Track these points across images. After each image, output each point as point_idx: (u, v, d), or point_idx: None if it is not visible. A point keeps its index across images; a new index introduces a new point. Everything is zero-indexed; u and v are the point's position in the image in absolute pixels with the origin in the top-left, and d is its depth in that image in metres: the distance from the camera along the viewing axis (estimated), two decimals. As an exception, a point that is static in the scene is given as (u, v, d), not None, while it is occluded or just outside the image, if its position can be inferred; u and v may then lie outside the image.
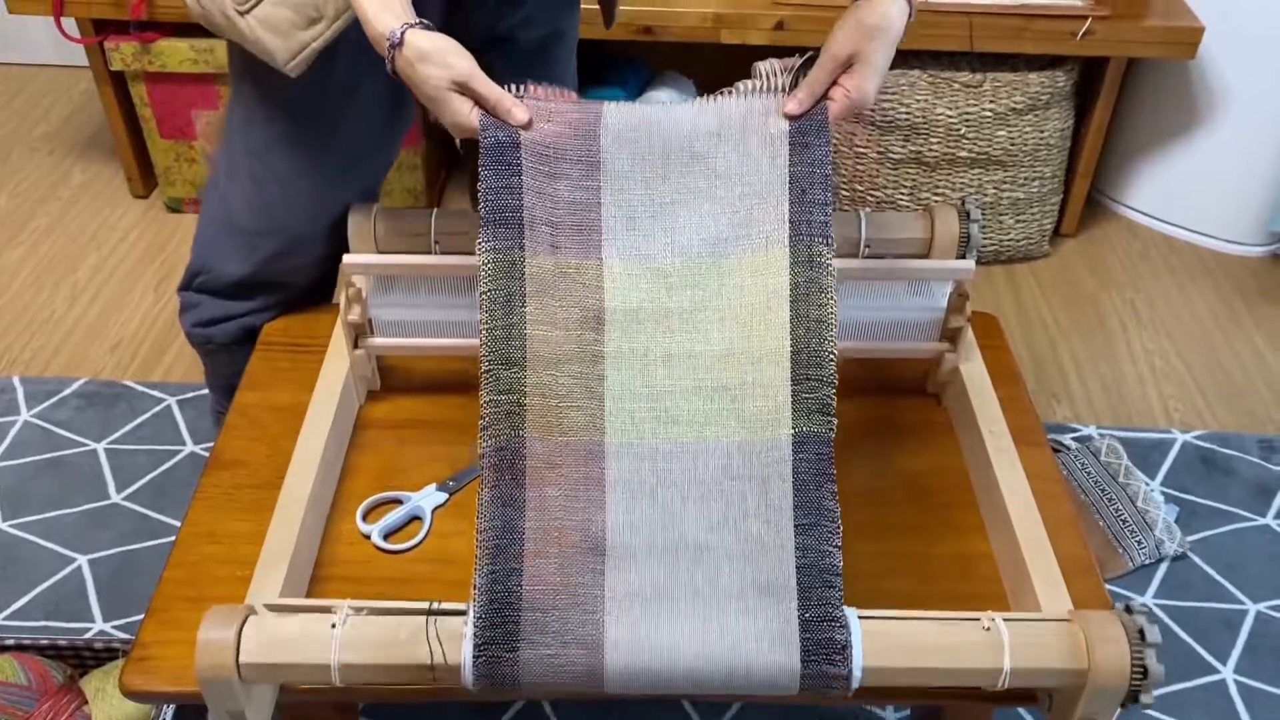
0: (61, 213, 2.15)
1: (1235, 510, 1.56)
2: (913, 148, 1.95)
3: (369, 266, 1.07)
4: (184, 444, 1.61)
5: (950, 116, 1.90)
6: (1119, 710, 0.80)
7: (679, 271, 0.87)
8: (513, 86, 0.87)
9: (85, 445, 1.60)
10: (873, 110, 1.93)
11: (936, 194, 1.99)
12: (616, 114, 0.88)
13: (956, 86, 1.89)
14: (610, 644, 0.76)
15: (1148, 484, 1.56)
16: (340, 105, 1.12)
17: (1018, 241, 2.06)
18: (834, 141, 2.04)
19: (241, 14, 1.04)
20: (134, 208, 2.16)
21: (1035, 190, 2.02)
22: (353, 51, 1.05)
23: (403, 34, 0.85)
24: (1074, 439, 1.67)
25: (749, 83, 0.90)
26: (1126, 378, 1.82)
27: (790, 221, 0.86)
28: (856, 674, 0.76)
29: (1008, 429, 1.05)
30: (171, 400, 1.69)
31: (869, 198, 2.03)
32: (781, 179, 0.86)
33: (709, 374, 0.84)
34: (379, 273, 1.09)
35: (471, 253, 1.06)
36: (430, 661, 0.77)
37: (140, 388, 1.71)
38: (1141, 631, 0.78)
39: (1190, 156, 2.08)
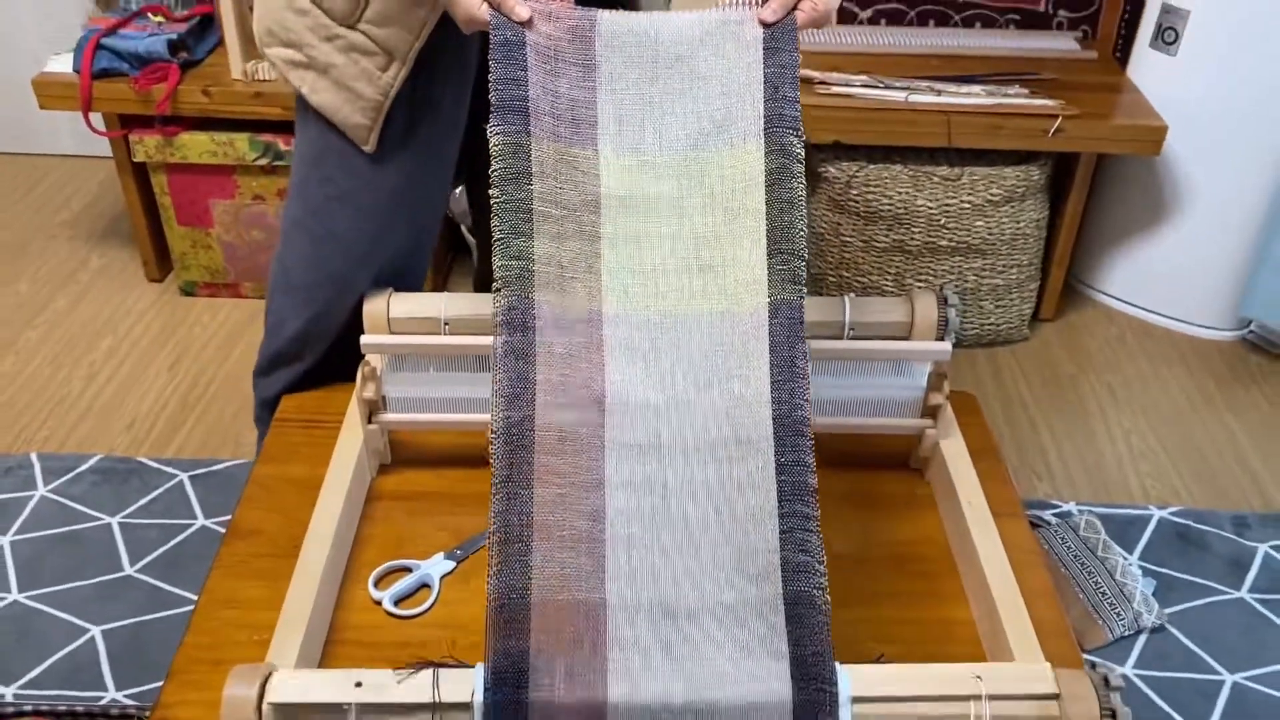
0: (79, 296, 2.23)
1: (1211, 584, 1.61)
2: (895, 236, 2.04)
3: (386, 346, 1.14)
4: (195, 518, 1.66)
5: (931, 208, 2.00)
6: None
7: (666, 163, 0.96)
8: None
9: (100, 519, 1.65)
10: (857, 201, 2.03)
11: (919, 280, 2.08)
12: (609, 21, 0.98)
13: (936, 180, 1.99)
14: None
15: (1126, 558, 1.61)
16: (394, 157, 1.22)
17: (998, 326, 2.15)
18: (821, 232, 2.15)
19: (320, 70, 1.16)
20: (149, 291, 2.24)
21: (1014, 277, 2.11)
22: (405, 104, 1.19)
23: None
24: (1054, 514, 1.73)
25: (725, 1, 1.00)
26: (1105, 456, 1.89)
27: (765, 116, 0.95)
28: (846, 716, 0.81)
29: (986, 501, 1.11)
30: (184, 476, 1.74)
31: (854, 283, 2.11)
32: (756, 79, 0.96)
33: (694, 254, 0.94)
34: (395, 352, 1.15)
35: (480, 334, 1.14)
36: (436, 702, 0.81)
37: (153, 464, 1.76)
38: (1106, 679, 0.83)
39: (1161, 245, 2.17)
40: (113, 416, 1.90)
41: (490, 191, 0.90)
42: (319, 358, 1.32)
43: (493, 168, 0.90)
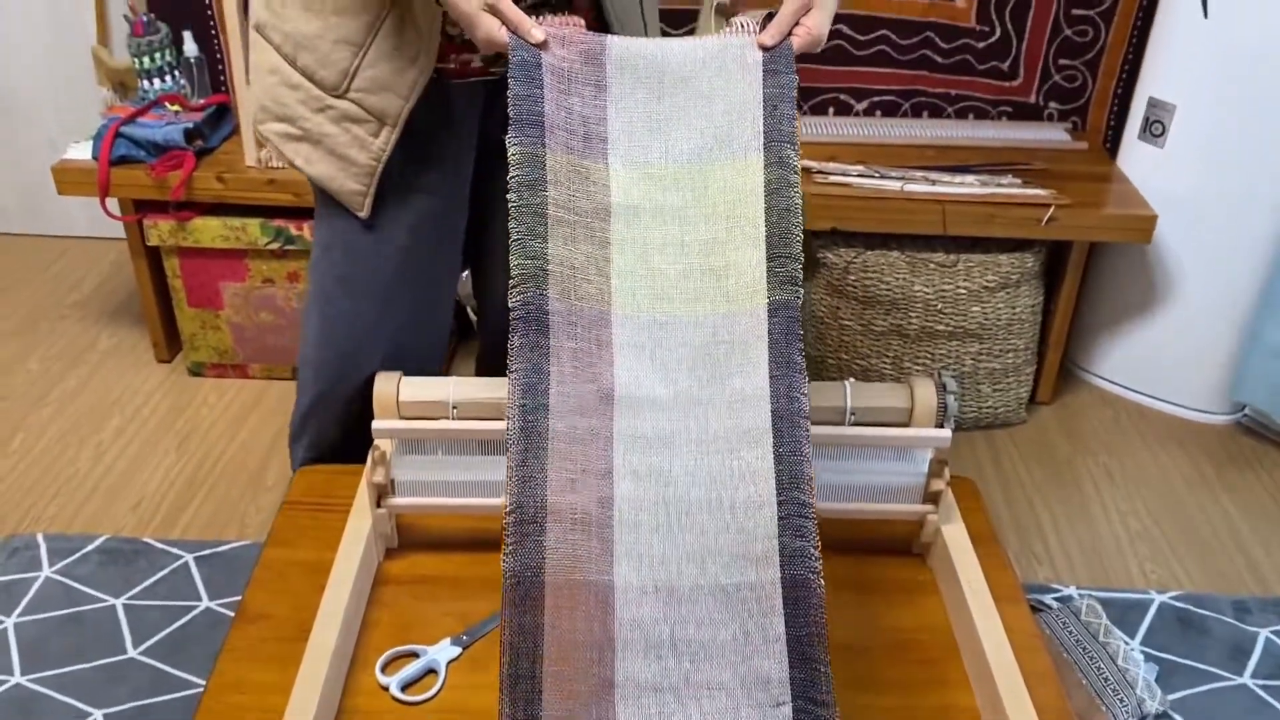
0: (89, 376, 2.25)
1: (1213, 670, 1.62)
2: (893, 321, 2.08)
3: (395, 431, 1.17)
4: (200, 600, 1.67)
5: (928, 293, 2.04)
6: None
7: (672, 175, 1.02)
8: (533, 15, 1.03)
9: (104, 601, 1.66)
10: (855, 286, 2.07)
11: (917, 363, 2.11)
12: (619, 45, 1.04)
13: (932, 266, 2.03)
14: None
15: (1127, 643, 1.62)
16: (393, 237, 1.28)
17: (996, 409, 2.17)
18: (820, 316, 2.19)
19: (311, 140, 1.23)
20: (157, 372, 2.27)
21: (1010, 361, 2.14)
22: (399, 176, 1.25)
23: None
24: (1055, 599, 1.73)
25: (727, 29, 1.06)
26: (1104, 539, 1.90)
27: (764, 132, 1.01)
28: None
29: (987, 587, 1.12)
30: (189, 557, 1.75)
31: (853, 366, 2.15)
32: (756, 98, 1.02)
33: (698, 259, 0.99)
34: (406, 437, 1.17)
35: (488, 419, 1.16)
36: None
37: (159, 545, 1.77)
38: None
39: (1154, 330, 2.21)
40: (119, 496, 1.91)
41: (508, 196, 0.96)
42: (330, 432, 1.36)
43: (510, 174, 0.96)
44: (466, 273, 1.88)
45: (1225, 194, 2.03)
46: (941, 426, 1.22)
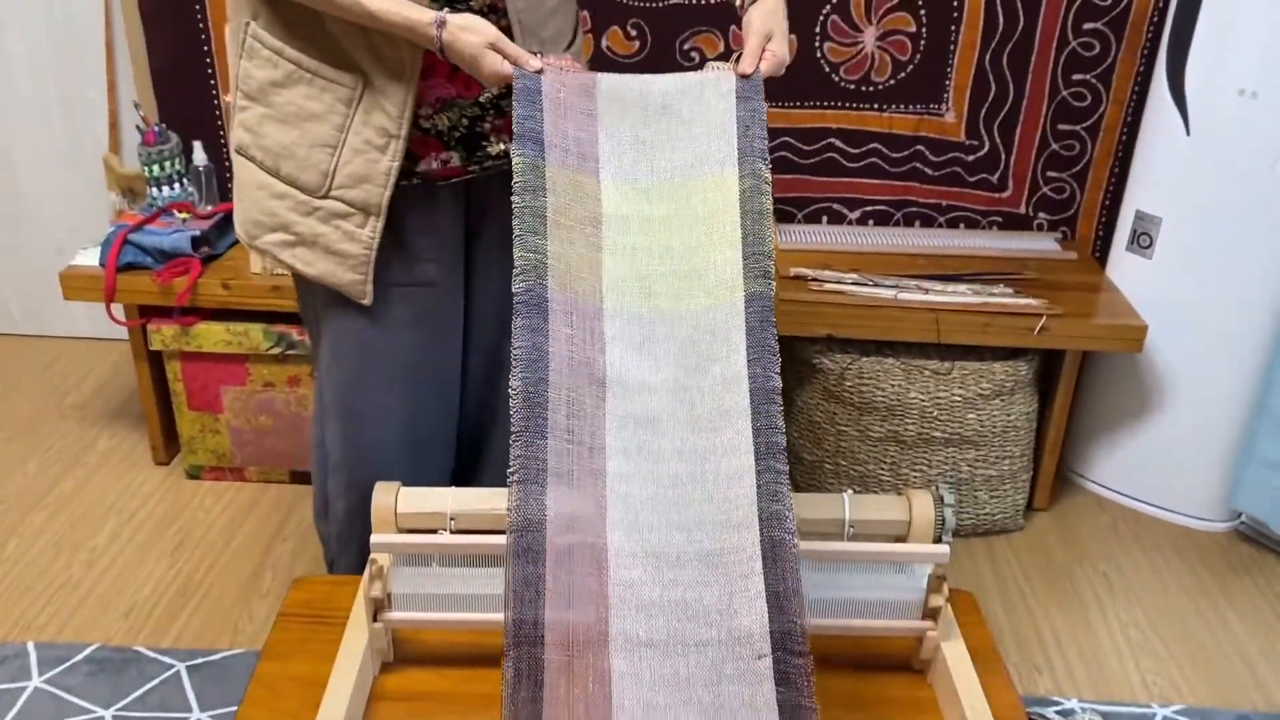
0: (86, 478, 2.25)
1: (1220, 787, 1.59)
2: (890, 427, 2.09)
3: (395, 546, 1.17)
4: (191, 711, 1.64)
5: (923, 400, 2.06)
6: None
7: (657, 189, 1.14)
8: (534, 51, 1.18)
9: (93, 712, 1.63)
10: (851, 392, 2.08)
11: (914, 470, 2.12)
12: (609, 80, 1.18)
13: (927, 373, 2.05)
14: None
15: (1131, 760, 1.59)
16: (397, 329, 1.37)
17: (993, 515, 2.17)
18: (816, 421, 2.19)
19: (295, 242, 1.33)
20: (155, 474, 2.27)
21: (1006, 468, 2.15)
22: (392, 269, 1.34)
23: (444, 16, 1.16)
24: (1056, 711, 1.71)
25: (702, 70, 1.20)
26: (1104, 649, 1.88)
27: (739, 150, 1.13)
28: None
29: (988, 707, 1.11)
30: (181, 666, 1.72)
31: (850, 472, 2.15)
32: (730, 120, 1.15)
33: (682, 262, 1.09)
34: (405, 551, 1.18)
35: (487, 530, 1.17)
36: None
37: (151, 654, 1.75)
38: None
39: (1148, 437, 2.23)
40: (112, 603, 1.89)
41: (512, 199, 1.06)
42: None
43: (514, 180, 1.07)
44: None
45: (1214, 303, 2.06)
46: (939, 540, 1.22)
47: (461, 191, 1.38)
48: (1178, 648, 1.90)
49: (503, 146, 1.35)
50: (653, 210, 1.13)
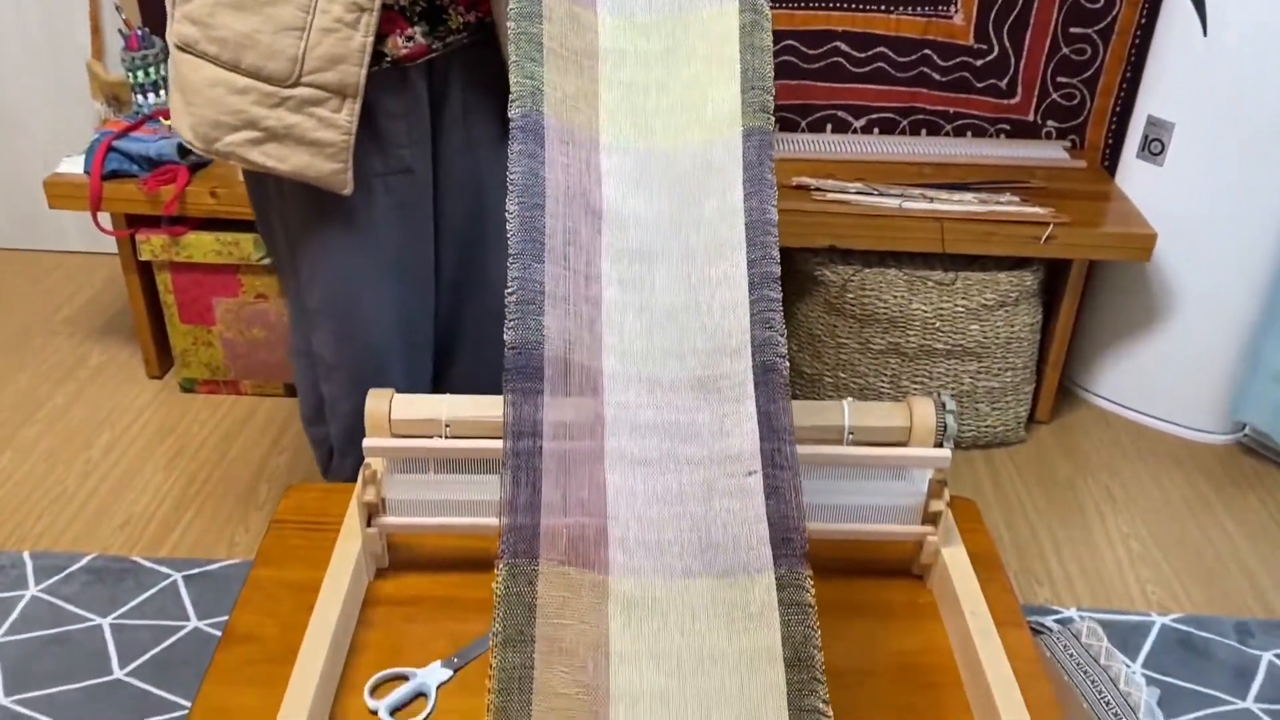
0: (78, 392, 2.23)
1: (1215, 694, 1.59)
2: (891, 339, 2.06)
3: (388, 450, 1.15)
4: (188, 620, 1.64)
5: (926, 311, 2.03)
6: None
7: (655, 24, 1.11)
8: None
9: (91, 620, 1.63)
10: (853, 304, 2.05)
11: (915, 382, 2.10)
12: None
13: (931, 284, 2.02)
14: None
15: (1129, 666, 1.60)
16: (380, 219, 1.33)
17: (994, 428, 2.16)
18: (817, 334, 2.17)
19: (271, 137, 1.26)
20: (148, 388, 2.25)
21: (1009, 380, 2.12)
22: (377, 160, 1.30)
23: None
24: (1055, 620, 1.71)
25: None
26: (1104, 560, 1.88)
27: None
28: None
29: (989, 611, 1.10)
30: (177, 576, 1.72)
31: (851, 385, 2.13)
32: None
33: (679, 96, 1.07)
34: (398, 455, 1.16)
35: (481, 436, 1.15)
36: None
37: (147, 563, 1.75)
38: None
39: (1153, 349, 2.20)
40: (107, 514, 1.89)
41: (509, 25, 1.03)
42: None
43: (510, 6, 1.03)
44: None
45: (1225, 212, 2.02)
46: (940, 446, 1.20)
47: (425, 73, 1.33)
48: (1177, 558, 1.89)
49: (462, 19, 1.30)
50: (650, 45, 1.10)
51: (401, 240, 1.36)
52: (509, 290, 0.94)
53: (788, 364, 0.95)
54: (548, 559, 0.86)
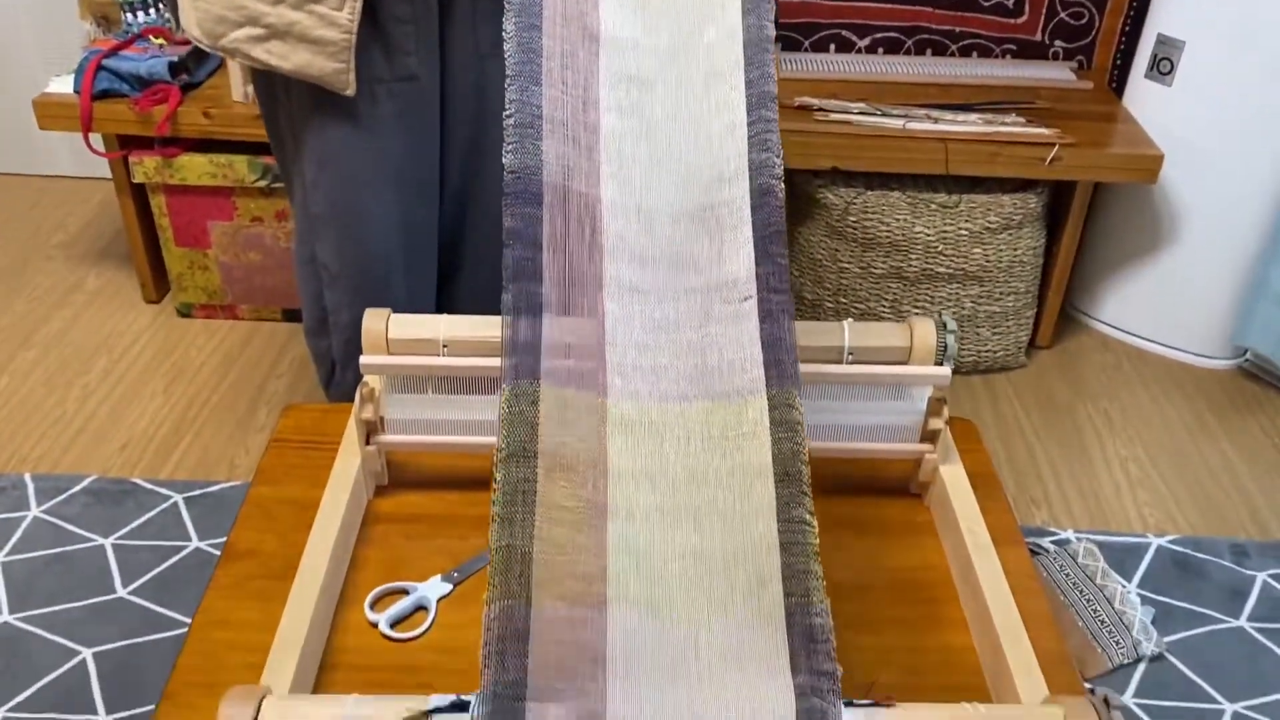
0: (75, 317, 2.22)
1: (1210, 613, 1.61)
2: (893, 263, 2.05)
3: (385, 367, 1.14)
4: (189, 540, 1.65)
5: (928, 234, 2.01)
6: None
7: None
8: None
9: (93, 541, 1.64)
10: (855, 228, 2.03)
11: (916, 307, 2.08)
12: None
13: (934, 207, 1.99)
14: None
15: (1124, 586, 1.61)
16: (381, 124, 1.32)
17: (995, 353, 2.15)
18: (818, 258, 2.15)
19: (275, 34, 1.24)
20: (145, 313, 2.24)
21: (1010, 304, 2.11)
22: (380, 65, 1.28)
23: None
24: (1052, 542, 1.72)
25: None
26: (1102, 484, 1.89)
27: None
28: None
29: (986, 528, 1.10)
30: (178, 497, 1.73)
31: (851, 310, 2.12)
32: None
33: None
34: (396, 373, 1.15)
35: (480, 354, 1.14)
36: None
37: (148, 485, 1.75)
38: (1106, 700, 0.83)
39: (1156, 273, 2.18)
40: (107, 438, 1.89)
41: None
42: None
43: None
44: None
45: (1234, 134, 1.99)
46: (941, 365, 1.19)
47: None
48: (1175, 481, 1.90)
49: None
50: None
51: (406, 148, 1.35)
52: (507, 113, 0.94)
53: (783, 186, 0.96)
54: (549, 381, 0.88)
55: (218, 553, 1.10)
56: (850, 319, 2.09)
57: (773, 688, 0.79)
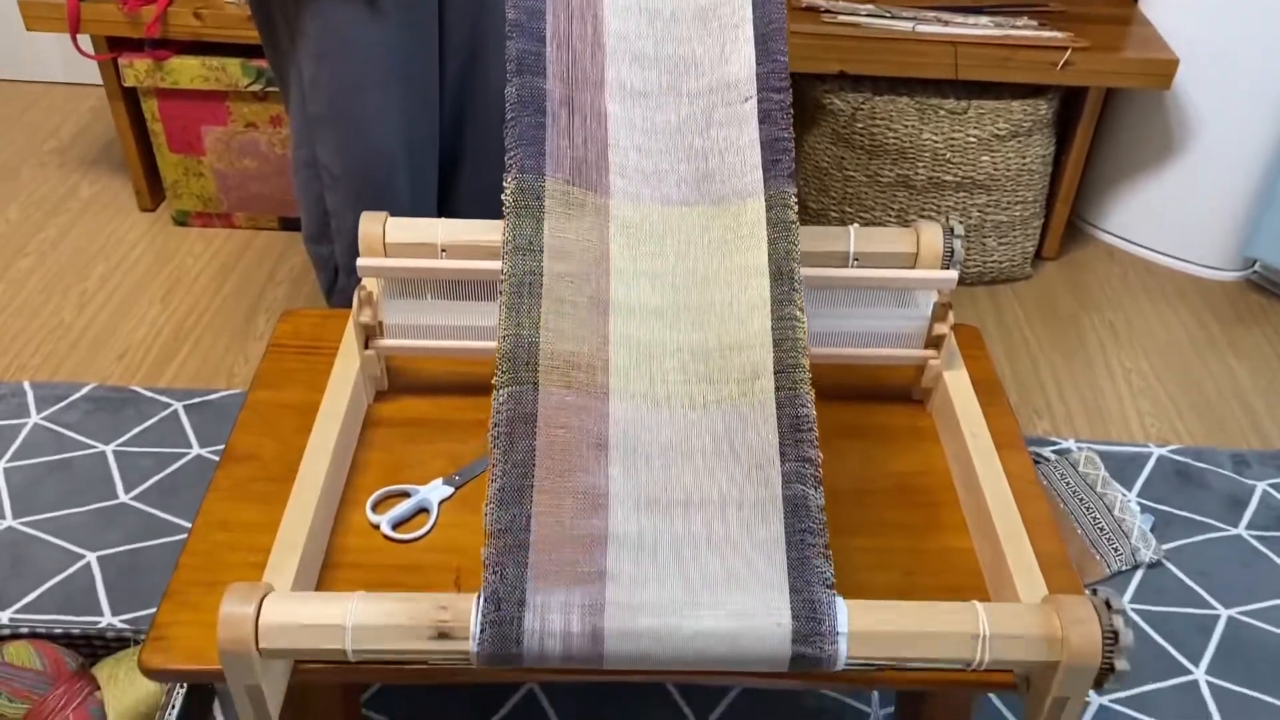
0: (70, 225, 2.19)
1: (1208, 521, 1.62)
2: (900, 171, 2.01)
3: (383, 269, 1.12)
4: (190, 447, 1.65)
5: (936, 142, 1.97)
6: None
7: None
8: None
9: (94, 447, 1.64)
10: (862, 134, 1.99)
11: (923, 216, 2.06)
12: None
13: (942, 113, 1.95)
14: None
15: (1124, 494, 1.61)
16: (383, 19, 1.29)
17: (1000, 264, 2.13)
18: (824, 166, 2.11)
19: None
20: (141, 221, 2.21)
21: (1017, 214, 2.08)
22: None
23: None
24: (1053, 451, 1.72)
25: None
26: (1105, 394, 1.88)
27: None
28: (843, 650, 0.80)
29: (989, 432, 1.10)
30: (178, 405, 1.73)
31: (857, 219, 2.09)
32: None
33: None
34: (393, 275, 1.13)
35: (478, 259, 1.12)
36: (439, 624, 0.80)
37: (147, 393, 1.75)
38: (1108, 602, 0.83)
39: (1166, 183, 2.15)
40: (105, 346, 1.88)
41: None
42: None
43: None
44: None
45: (1251, 39, 1.93)
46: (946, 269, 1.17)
47: None
48: (1179, 392, 1.89)
49: None
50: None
51: (406, 46, 1.31)
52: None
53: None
54: (553, 176, 0.91)
55: (218, 460, 1.10)
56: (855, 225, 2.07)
57: (763, 476, 0.85)
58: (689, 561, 0.83)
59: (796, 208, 0.92)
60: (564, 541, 0.81)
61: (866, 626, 0.82)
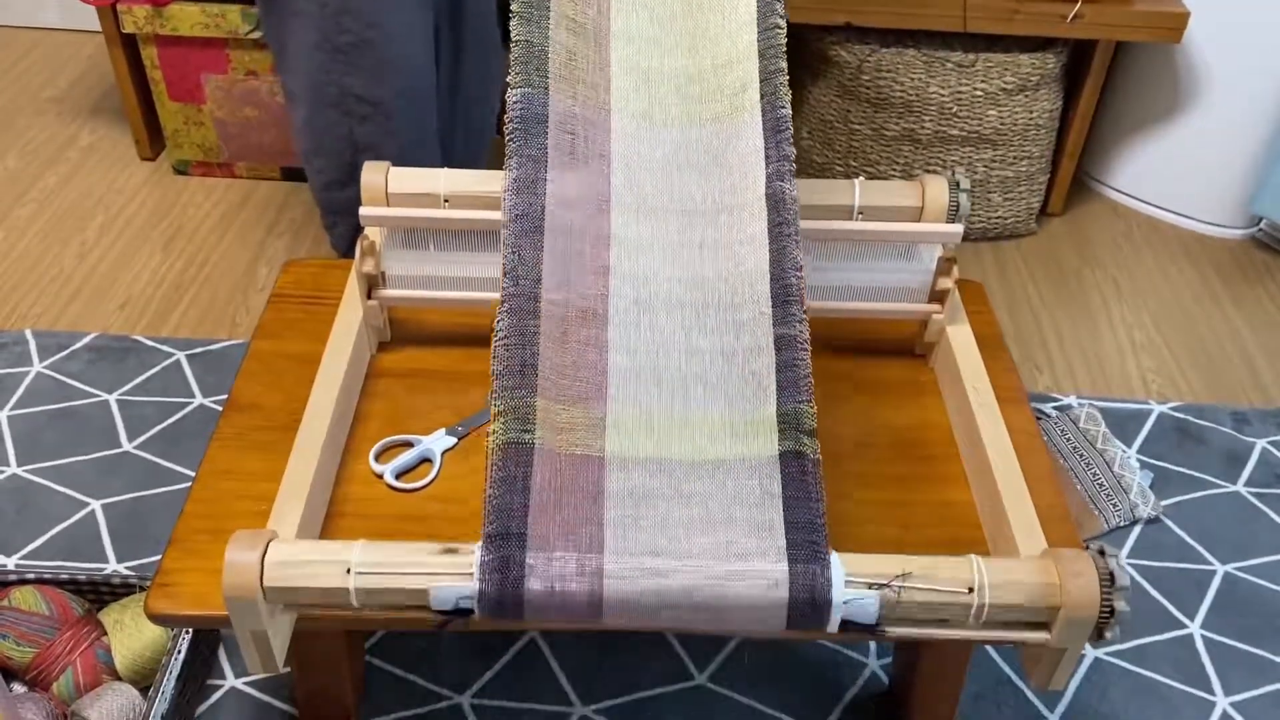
0: (70, 173, 2.18)
1: (1208, 478, 1.62)
2: (906, 125, 2.00)
3: (386, 219, 1.12)
4: (193, 397, 1.66)
5: (943, 95, 1.95)
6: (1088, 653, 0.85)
7: None
8: None
9: (97, 396, 1.65)
10: (868, 87, 1.97)
11: (928, 170, 2.04)
12: None
13: (949, 66, 1.93)
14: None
15: (1124, 450, 1.62)
16: None
17: (1005, 219, 2.12)
18: (829, 120, 2.10)
19: None
20: (141, 170, 2.20)
21: (1023, 169, 2.07)
22: None
23: None
24: (1054, 408, 1.73)
25: None
26: (1106, 350, 1.88)
27: None
28: (838, 602, 0.81)
29: (991, 387, 1.10)
30: (181, 355, 1.73)
31: (862, 173, 2.08)
32: None
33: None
34: (396, 225, 1.13)
35: (481, 209, 1.11)
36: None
37: (150, 342, 1.75)
38: (1102, 550, 0.84)
39: (1174, 140, 2.13)
40: (106, 295, 1.87)
41: None
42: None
43: None
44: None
45: (1264, -9, 1.91)
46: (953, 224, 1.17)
47: None
48: (1181, 349, 1.89)
49: None
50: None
51: None
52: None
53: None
54: None
55: (221, 409, 1.10)
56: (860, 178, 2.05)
57: (749, 181, 0.95)
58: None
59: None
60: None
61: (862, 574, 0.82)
